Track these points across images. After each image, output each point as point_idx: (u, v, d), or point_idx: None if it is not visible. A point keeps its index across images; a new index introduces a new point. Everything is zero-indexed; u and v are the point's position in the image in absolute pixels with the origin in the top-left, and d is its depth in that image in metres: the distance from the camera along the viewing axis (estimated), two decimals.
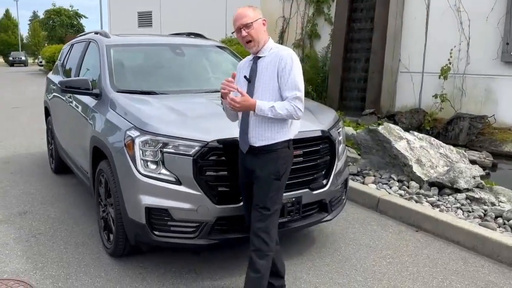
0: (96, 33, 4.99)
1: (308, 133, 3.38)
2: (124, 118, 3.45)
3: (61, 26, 35.02)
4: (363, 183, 5.19)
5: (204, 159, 3.08)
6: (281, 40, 11.23)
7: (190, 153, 3.07)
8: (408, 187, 4.94)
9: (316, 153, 3.41)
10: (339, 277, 3.37)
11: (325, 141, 3.48)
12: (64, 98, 5.03)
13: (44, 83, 6.75)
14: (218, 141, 3.09)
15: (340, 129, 3.81)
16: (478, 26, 7.62)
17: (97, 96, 4.04)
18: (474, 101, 7.79)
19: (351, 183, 4.95)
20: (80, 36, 5.67)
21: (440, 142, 5.68)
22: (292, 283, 3.27)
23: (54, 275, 3.38)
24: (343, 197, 3.87)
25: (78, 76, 4.82)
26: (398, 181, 5.10)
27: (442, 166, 5.22)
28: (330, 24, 10.17)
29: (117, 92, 3.92)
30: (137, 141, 3.16)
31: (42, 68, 33.10)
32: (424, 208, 4.40)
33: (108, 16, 20.40)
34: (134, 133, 3.21)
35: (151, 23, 18.16)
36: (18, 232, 4.11)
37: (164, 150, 3.12)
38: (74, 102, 4.64)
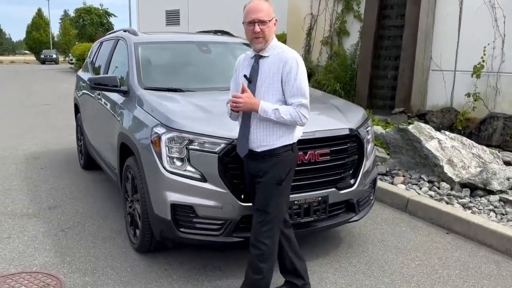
0: (125, 31, 5.04)
1: (336, 132, 3.33)
2: (151, 115, 3.46)
3: (91, 25, 35.59)
4: (392, 183, 5.08)
5: (230, 156, 3.06)
6: (308, 37, 11.13)
7: (216, 150, 3.06)
8: (438, 188, 4.80)
9: (343, 152, 3.35)
10: (366, 279, 3.30)
11: (353, 139, 3.41)
12: (93, 96, 5.10)
13: (74, 80, 6.87)
14: None
15: (369, 127, 3.73)
16: None
17: (125, 93, 4.07)
18: (509, 100, 7.51)
19: (379, 183, 4.86)
20: (109, 34, 5.74)
21: (473, 142, 5.51)
22: (317, 284, 3.22)
23: (81, 269, 3.43)
24: (371, 197, 3.79)
25: (107, 73, 4.87)
26: (428, 181, 4.96)
27: (475, 167, 5.05)
28: (359, 21, 10.00)
29: (144, 89, 3.94)
30: (163, 137, 3.17)
31: (72, 66, 33.81)
32: (455, 209, 4.27)
33: (136, 14, 20.70)
34: (160, 129, 3.22)
35: (179, 21, 18.31)
36: (47, 226, 4.19)
37: (190, 147, 3.11)
38: (102, 100, 4.70)
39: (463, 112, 7.72)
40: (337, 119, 3.52)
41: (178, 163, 3.15)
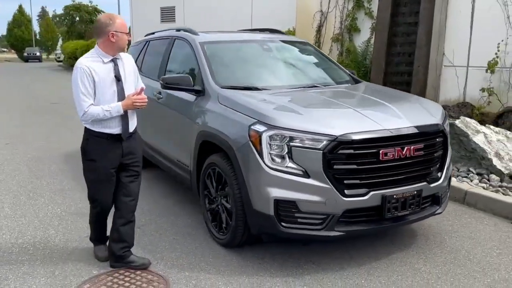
0: (178, 30, 5.06)
1: (428, 127, 3.48)
2: (243, 113, 3.51)
3: (80, 22, 34.90)
4: None
5: (333, 153, 3.17)
6: (318, 34, 11.27)
7: (319, 147, 3.16)
8: (488, 180, 5.01)
9: (433, 146, 3.51)
10: (457, 268, 3.45)
11: (440, 135, 3.57)
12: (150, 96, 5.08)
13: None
14: (347, 135, 3.17)
15: (447, 123, 3.88)
16: None
17: (198, 92, 4.12)
18: None
19: None
20: (156, 33, 5.70)
21: None
22: (414, 275, 3.34)
23: (176, 265, 3.48)
24: (448, 190, 3.94)
25: (164, 74, 4.82)
26: (477, 174, 5.17)
27: None
28: (370, 18, 10.21)
29: (222, 88, 3.99)
30: (264, 135, 3.24)
31: (61, 63, 32.97)
32: None
33: (130, 10, 20.40)
34: (260, 127, 3.28)
35: (175, 18, 18.17)
36: None
37: (291, 144, 3.20)
38: (164, 99, 4.71)
39: (478, 106, 8.00)
40: (427, 115, 3.67)
41: (278, 160, 3.24)
